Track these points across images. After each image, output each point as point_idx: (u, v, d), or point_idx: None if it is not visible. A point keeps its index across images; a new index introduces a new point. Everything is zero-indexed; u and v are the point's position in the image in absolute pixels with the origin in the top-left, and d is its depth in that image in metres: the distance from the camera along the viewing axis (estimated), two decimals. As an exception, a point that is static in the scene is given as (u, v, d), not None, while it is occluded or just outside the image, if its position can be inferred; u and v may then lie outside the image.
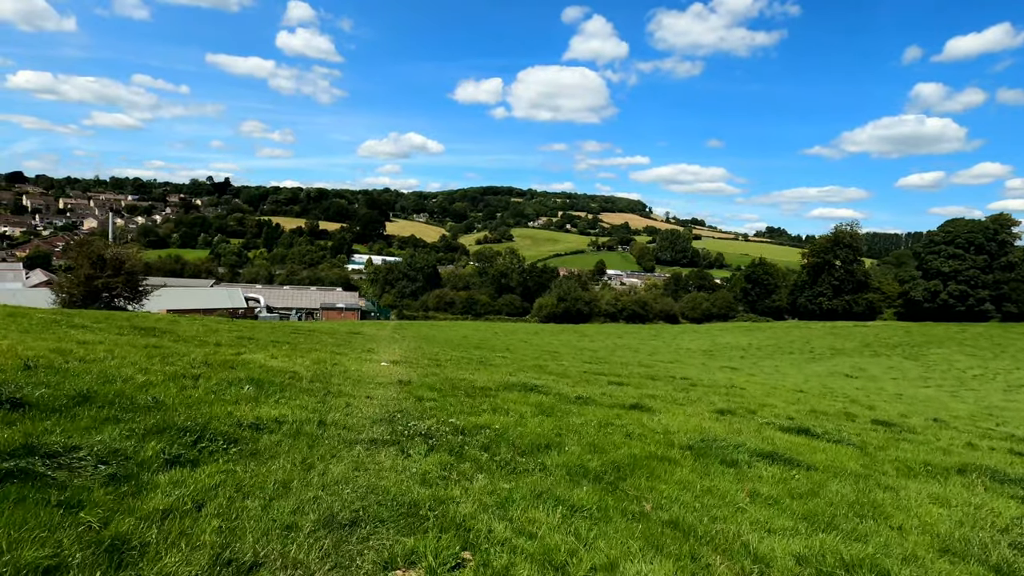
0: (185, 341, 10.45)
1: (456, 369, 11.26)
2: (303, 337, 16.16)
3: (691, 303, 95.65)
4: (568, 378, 12.34)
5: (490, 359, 15.63)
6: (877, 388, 26.46)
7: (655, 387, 12.55)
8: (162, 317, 18.13)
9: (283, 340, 13.24)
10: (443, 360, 13.23)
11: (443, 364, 11.70)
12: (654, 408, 7.99)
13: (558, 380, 11.22)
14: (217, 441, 3.86)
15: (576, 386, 10.80)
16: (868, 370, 39.75)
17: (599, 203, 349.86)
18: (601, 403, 8.09)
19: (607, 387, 11.53)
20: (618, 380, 12.89)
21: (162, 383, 5.29)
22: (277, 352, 10.43)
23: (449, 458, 4.23)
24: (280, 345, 11.96)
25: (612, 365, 21.35)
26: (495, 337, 49.98)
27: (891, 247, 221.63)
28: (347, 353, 11.97)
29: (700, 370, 26.02)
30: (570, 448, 4.83)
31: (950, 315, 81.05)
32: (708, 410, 8.95)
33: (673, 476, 4.38)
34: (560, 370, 14.08)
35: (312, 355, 10.72)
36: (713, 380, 18.51)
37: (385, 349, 15.51)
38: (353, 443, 4.34)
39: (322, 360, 9.83)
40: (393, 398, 6.52)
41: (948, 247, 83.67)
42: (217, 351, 9.45)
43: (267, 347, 11.15)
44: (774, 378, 27.45)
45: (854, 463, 5.73)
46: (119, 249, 25.78)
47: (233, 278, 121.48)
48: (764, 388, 17.55)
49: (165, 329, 12.45)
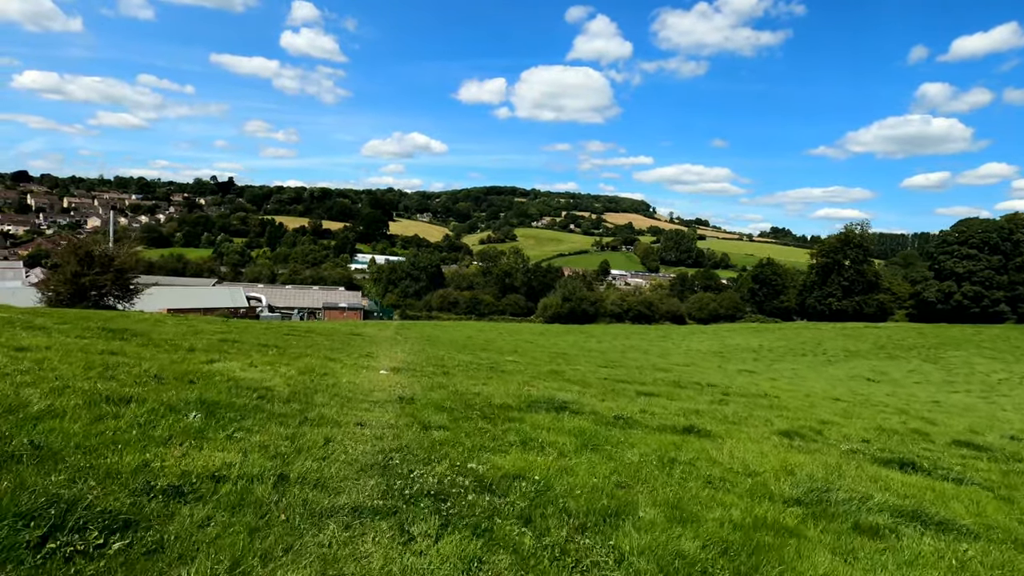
0: (155, 346, 8.97)
1: (466, 378, 9.76)
2: (297, 339, 14.66)
3: (698, 303, 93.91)
4: (591, 388, 10.83)
5: (500, 364, 14.13)
6: (908, 394, 24.86)
7: (689, 399, 11.04)
8: (145, 318, 16.68)
9: (272, 343, 11.74)
10: (450, 366, 11.73)
11: (450, 372, 10.19)
12: (712, 432, 6.49)
13: (583, 392, 9.72)
14: (89, 531, 2.30)
15: (605, 398, 9.30)
16: (888, 373, 38.11)
17: (603, 203, 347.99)
18: (646, 425, 6.59)
19: (638, 399, 10.02)
20: (645, 390, 11.37)
21: (72, 411, 3.82)
22: (259, 358, 8.94)
23: (474, 544, 2.69)
24: (267, 349, 10.46)
25: (629, 370, 19.83)
26: (500, 338, 48.51)
27: (898, 247, 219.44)
28: (342, 359, 10.47)
29: (720, 374, 24.49)
30: (646, 513, 3.32)
31: (964, 316, 79.16)
32: (770, 431, 7.44)
33: (813, 567, 2.87)
34: (578, 376, 12.56)
35: (301, 362, 9.24)
36: (742, 387, 16.97)
37: (386, 353, 14.02)
38: (326, 516, 2.83)
39: (310, 369, 8.34)
40: (391, 425, 5.00)
41: (962, 247, 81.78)
42: (186, 358, 7.95)
43: (250, 352, 9.66)
44: (794, 383, 25.88)
45: (1010, 519, 4.24)
46: (108, 246, 24.35)
47: (235, 277, 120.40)
48: (798, 396, 15.99)
49: (140, 331, 10.97)
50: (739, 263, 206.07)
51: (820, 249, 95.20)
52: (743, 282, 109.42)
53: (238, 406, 4.75)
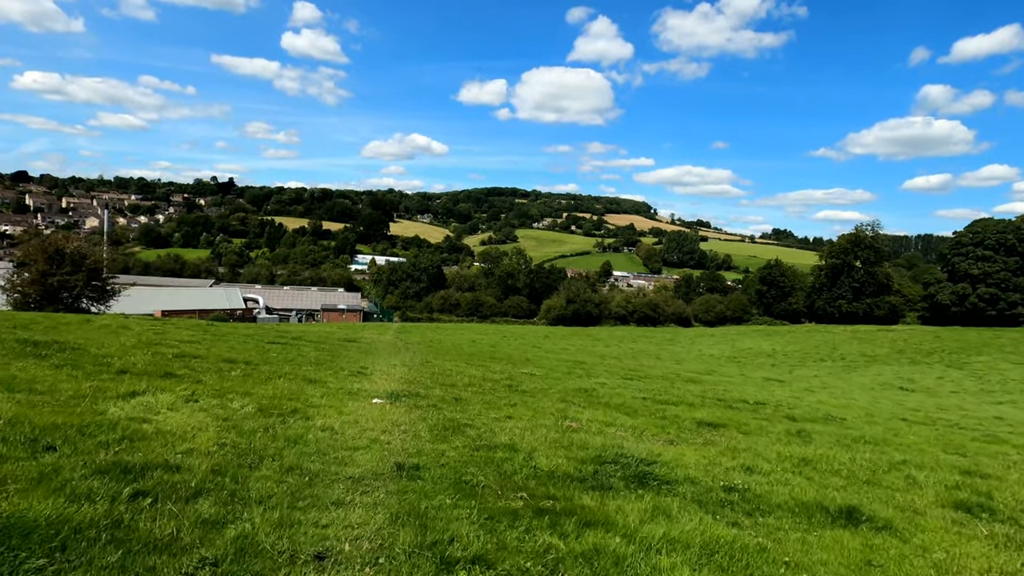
0: (75, 367, 6.91)
1: (483, 405, 7.74)
2: (279, 350, 12.62)
3: (704, 305, 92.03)
4: (638, 415, 8.82)
5: (517, 379, 12.11)
6: (955, 406, 22.81)
7: (760, 429, 8.99)
8: (106, 323, 14.64)
9: (243, 358, 9.69)
10: (460, 385, 9.71)
11: (463, 397, 8.17)
12: (882, 519, 4.48)
13: (634, 425, 7.72)
14: None
15: (670, 436, 7.28)
16: (918, 381, 36.08)
17: (604, 204, 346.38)
18: (779, 506, 4.58)
19: (701, 431, 8.02)
20: (700, 416, 9.35)
21: None
22: (211, 385, 6.85)
23: None
24: (231, 368, 8.42)
25: (654, 381, 17.80)
26: (505, 342, 46.51)
27: (901, 249, 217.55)
28: (326, 379, 8.45)
29: (753, 386, 22.45)
30: None
31: (980, 319, 77.11)
32: (945, 501, 5.45)
33: None
34: (615, 399, 10.53)
35: (268, 387, 7.20)
36: (792, 403, 14.92)
37: (383, 365, 12.00)
38: None
39: (276, 402, 6.28)
40: (376, 560, 2.83)
41: (976, 248, 79.77)
42: (100, 390, 5.81)
43: (206, 373, 7.64)
44: (827, 392, 23.83)
45: None
46: (80, 243, 22.35)
47: (233, 278, 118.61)
48: (860, 416, 13.95)
49: (75, 343, 8.94)
50: (741, 264, 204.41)
51: (829, 250, 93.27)
52: (749, 284, 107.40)
53: (73, 527, 2.62)
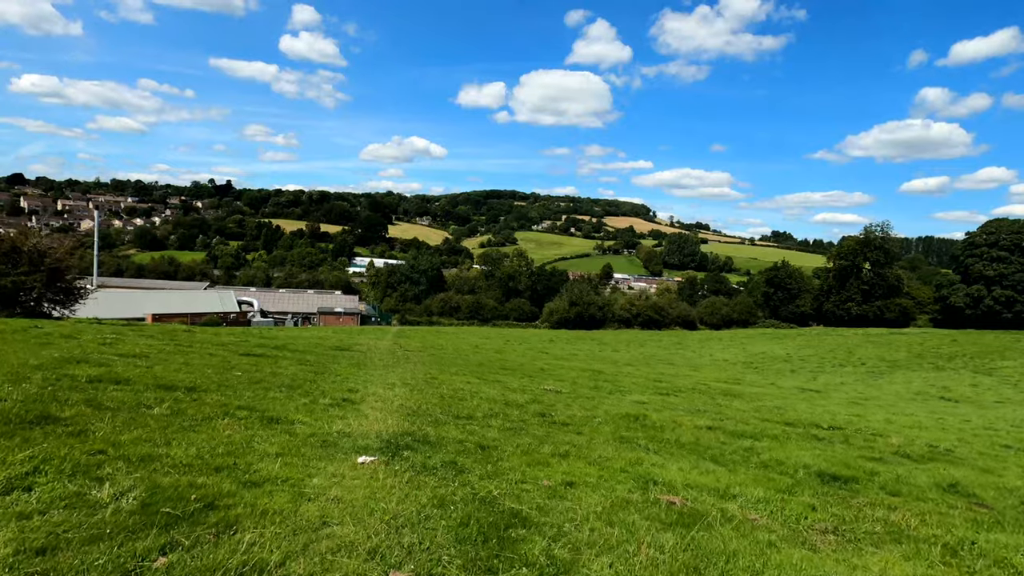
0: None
1: (522, 457, 5.43)
2: (247, 366, 10.24)
3: (710, 308, 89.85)
4: (734, 468, 6.49)
5: (547, 403, 9.78)
6: (1022, 420, 20.55)
7: (919, 493, 6.71)
8: (27, 334, 12.34)
9: (187, 382, 7.23)
10: (479, 417, 7.38)
11: (491, 446, 5.78)
12: None
13: (771, 506, 5.37)
14: None
15: (837, 527, 4.98)
16: (953, 389, 33.80)
17: (602, 207, 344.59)
18: None
19: (850, 502, 5.71)
20: (821, 467, 7.03)
21: None
22: (84, 446, 4.50)
23: None
24: (162, 399, 6.05)
25: (691, 396, 15.51)
26: (510, 347, 44.17)
27: (903, 252, 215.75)
28: (294, 417, 6.08)
29: (796, 399, 20.16)
30: None
31: (995, 322, 74.94)
32: None
33: None
34: (686, 436, 8.18)
35: (195, 437, 4.86)
36: (854, 424, 12.63)
37: (377, 386, 9.67)
38: None
39: (186, 479, 3.97)
40: None
41: (991, 249, 77.64)
42: None
43: (114, 411, 5.33)
44: (877, 406, 21.55)
45: None
46: (40, 240, 20.00)
47: (229, 281, 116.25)
48: (957, 441, 11.65)
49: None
50: (743, 267, 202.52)
51: (837, 251, 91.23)
52: (754, 286, 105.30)
53: None
